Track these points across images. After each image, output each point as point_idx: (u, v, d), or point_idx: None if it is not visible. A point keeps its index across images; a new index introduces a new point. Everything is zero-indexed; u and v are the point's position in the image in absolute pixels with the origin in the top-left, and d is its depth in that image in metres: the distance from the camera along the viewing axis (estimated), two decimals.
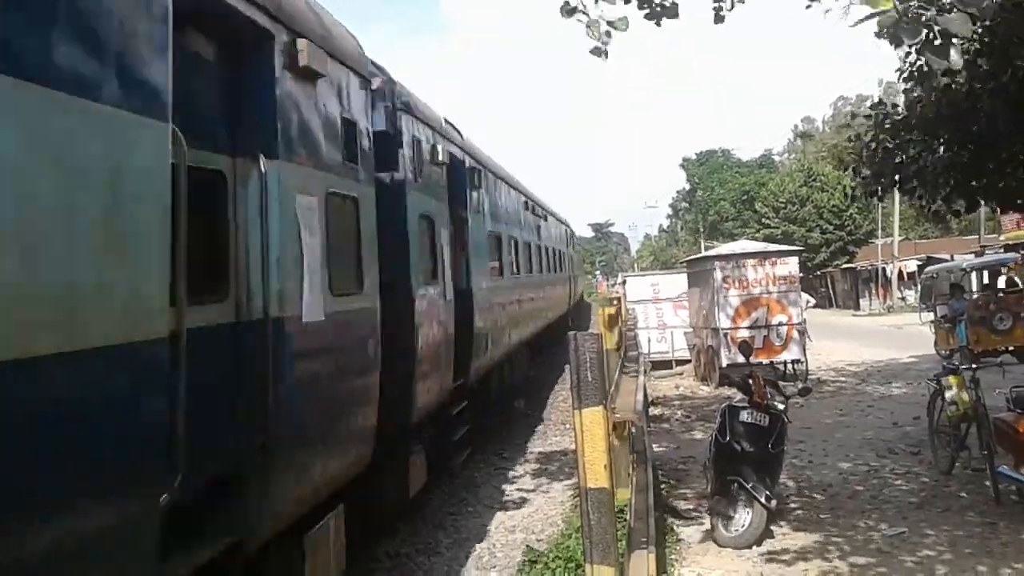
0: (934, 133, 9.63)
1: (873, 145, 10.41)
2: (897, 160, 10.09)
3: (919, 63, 9.31)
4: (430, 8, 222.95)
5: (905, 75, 9.77)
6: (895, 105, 10.36)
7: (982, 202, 10.96)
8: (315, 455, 5.09)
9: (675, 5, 6.41)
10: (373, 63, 7.04)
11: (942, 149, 9.64)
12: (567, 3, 5.36)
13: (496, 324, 11.77)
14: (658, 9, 6.46)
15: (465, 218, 10.59)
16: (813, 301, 28.42)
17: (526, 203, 17.09)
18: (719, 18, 7.11)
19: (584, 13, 5.34)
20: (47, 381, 2.76)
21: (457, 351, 9.32)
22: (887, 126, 10.19)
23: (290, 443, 4.65)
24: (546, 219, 20.80)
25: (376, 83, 7.17)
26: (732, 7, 7.05)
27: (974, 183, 9.76)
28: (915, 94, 9.82)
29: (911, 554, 6.90)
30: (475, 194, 11.18)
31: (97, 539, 3.03)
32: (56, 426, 2.81)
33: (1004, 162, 9.19)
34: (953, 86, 9.11)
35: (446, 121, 9.89)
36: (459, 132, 10.73)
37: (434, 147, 8.85)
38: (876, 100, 11.01)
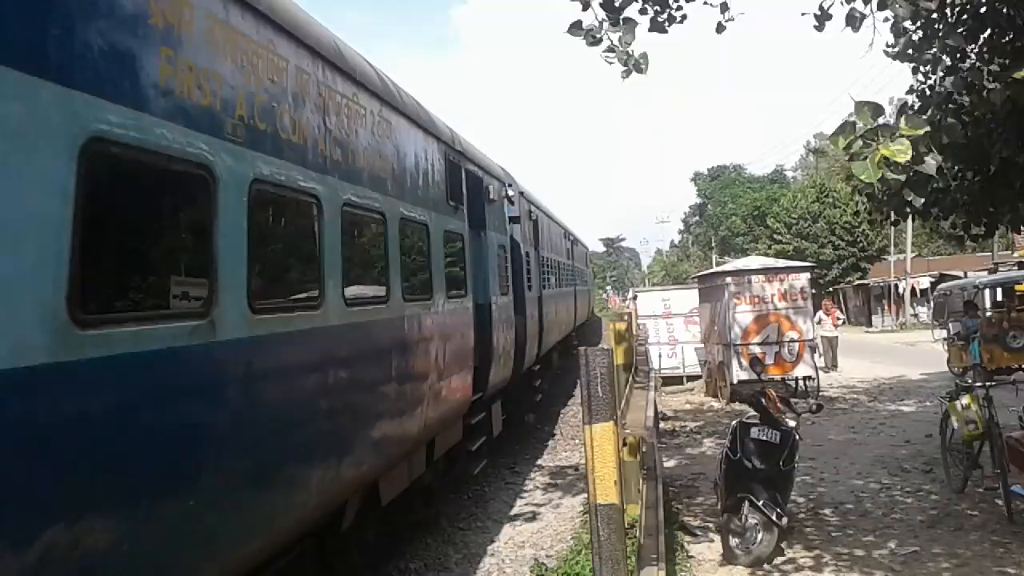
0: (951, 157, 9.52)
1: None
2: (913, 185, 9.94)
3: (931, 83, 9.28)
4: (440, 23, 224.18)
5: (917, 95, 9.71)
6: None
7: (1001, 227, 10.84)
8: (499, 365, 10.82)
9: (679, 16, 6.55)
10: (502, 168, 12.78)
11: (960, 174, 9.53)
12: (592, 34, 5.49)
13: (551, 319, 16.79)
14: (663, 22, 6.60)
15: (538, 251, 16.00)
16: (843, 318, 28.12)
17: (564, 233, 23.27)
18: (720, 27, 7.17)
19: (598, 36, 5.46)
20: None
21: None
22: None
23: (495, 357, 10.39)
24: (575, 244, 26.67)
25: (512, 189, 12.81)
26: (732, 19, 7.11)
27: (993, 209, 9.65)
28: (925, 116, 9.75)
29: (923, 573, 6.86)
30: (541, 234, 16.82)
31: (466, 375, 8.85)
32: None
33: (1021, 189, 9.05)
34: (964, 112, 9.03)
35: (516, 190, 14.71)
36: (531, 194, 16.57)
37: (529, 211, 15.28)
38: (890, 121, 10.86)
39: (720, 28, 7.19)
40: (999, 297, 21.83)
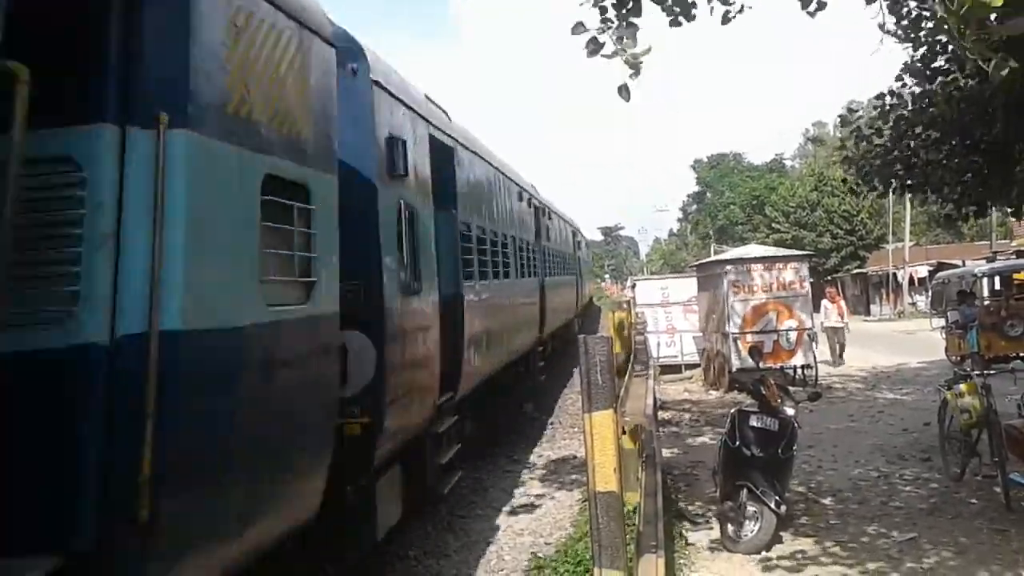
0: (943, 134, 9.50)
1: (877, 140, 10.23)
2: (906, 160, 9.93)
3: (926, 58, 9.24)
4: (437, 12, 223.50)
5: (912, 71, 9.64)
6: (900, 96, 10.15)
7: (992, 207, 10.85)
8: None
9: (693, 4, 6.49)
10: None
11: (952, 152, 9.51)
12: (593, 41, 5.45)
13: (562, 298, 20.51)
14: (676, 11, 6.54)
15: (546, 245, 18.69)
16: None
17: (572, 232, 27.15)
18: (726, 19, 7.12)
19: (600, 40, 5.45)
20: None
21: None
22: (894, 117, 9.99)
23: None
24: (576, 237, 29.76)
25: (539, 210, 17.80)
26: (741, 10, 7.06)
27: (983, 188, 9.64)
28: (919, 90, 9.71)
29: (921, 561, 6.88)
30: (550, 232, 19.65)
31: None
32: None
33: (1014, 168, 9.06)
34: (956, 87, 8.98)
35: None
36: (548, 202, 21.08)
37: (562, 223, 22.01)
38: (887, 91, 10.67)
39: (725, 19, 7.13)
40: (997, 285, 21.84)
